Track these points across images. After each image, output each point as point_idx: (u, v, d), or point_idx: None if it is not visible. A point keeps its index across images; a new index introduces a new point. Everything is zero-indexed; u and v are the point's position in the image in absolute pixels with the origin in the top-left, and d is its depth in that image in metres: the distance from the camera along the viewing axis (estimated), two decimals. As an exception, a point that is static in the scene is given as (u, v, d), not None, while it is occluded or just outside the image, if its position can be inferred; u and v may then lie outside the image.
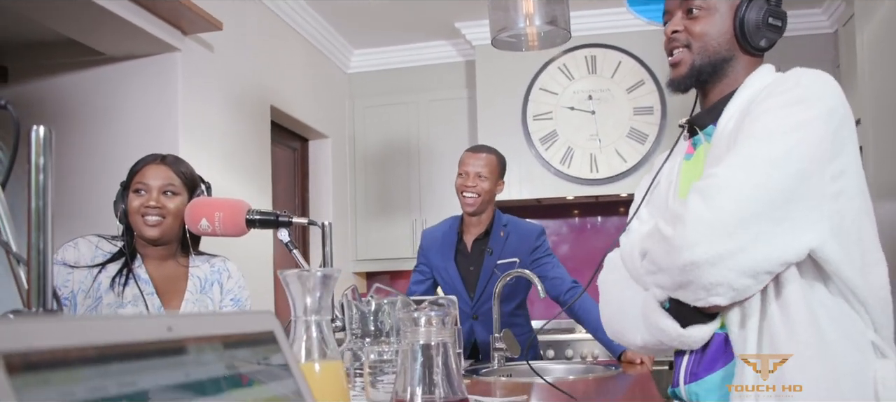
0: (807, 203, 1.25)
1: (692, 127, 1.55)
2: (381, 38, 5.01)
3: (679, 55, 1.49)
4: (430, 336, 1.40)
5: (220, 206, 1.87)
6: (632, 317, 1.46)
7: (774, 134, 1.26)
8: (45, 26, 2.92)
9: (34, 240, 0.90)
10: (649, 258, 1.37)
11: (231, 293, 2.22)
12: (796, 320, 1.29)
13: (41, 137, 0.92)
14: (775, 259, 1.25)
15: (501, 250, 2.89)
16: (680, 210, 1.29)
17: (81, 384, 0.45)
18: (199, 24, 3.19)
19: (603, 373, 2.38)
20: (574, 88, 4.57)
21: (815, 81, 1.33)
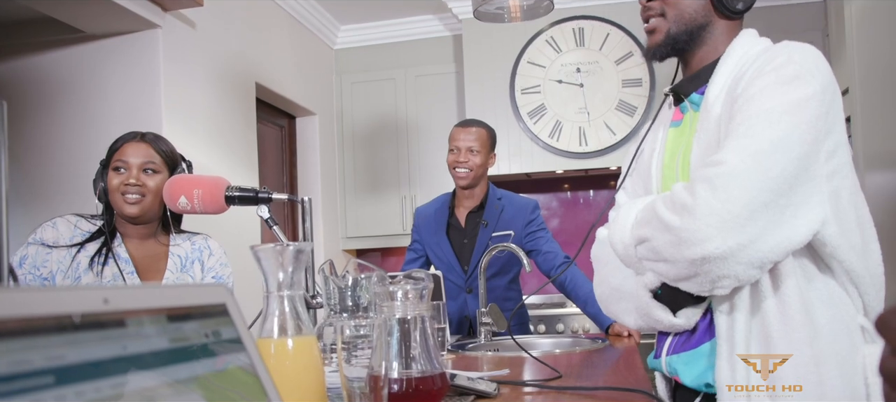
0: (807, 186, 1.23)
1: (677, 95, 1.53)
2: (368, 14, 4.96)
3: (654, 23, 1.46)
4: (407, 310, 1.39)
5: (198, 183, 1.85)
6: (625, 300, 1.45)
7: (773, 114, 1.23)
8: (23, 4, 2.88)
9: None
10: (650, 247, 1.32)
11: (212, 271, 2.20)
12: (788, 302, 1.28)
13: None
14: (782, 249, 1.22)
15: (496, 222, 2.90)
16: (688, 200, 1.24)
17: (2, 357, 0.43)
18: (179, 1, 3.14)
19: (589, 346, 2.37)
20: (562, 60, 4.53)
21: (807, 57, 1.29)
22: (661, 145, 1.53)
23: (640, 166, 1.58)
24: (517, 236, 2.87)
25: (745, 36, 1.44)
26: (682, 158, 1.45)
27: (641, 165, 1.57)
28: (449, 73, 4.99)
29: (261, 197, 1.90)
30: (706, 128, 1.37)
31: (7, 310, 0.45)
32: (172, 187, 1.83)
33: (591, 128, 4.46)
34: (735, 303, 1.32)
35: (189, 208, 1.86)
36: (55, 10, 2.96)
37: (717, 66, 1.42)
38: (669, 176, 1.49)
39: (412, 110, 5.02)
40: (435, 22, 5.04)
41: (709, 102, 1.38)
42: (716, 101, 1.37)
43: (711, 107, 1.37)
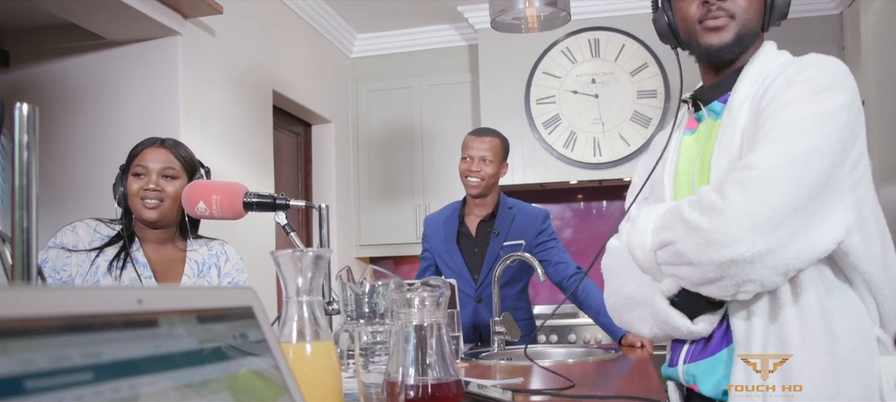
0: (834, 195, 1.24)
1: (698, 101, 1.53)
2: (384, 22, 5.00)
3: (724, 22, 1.42)
4: (423, 317, 1.41)
5: (217, 189, 1.87)
6: (639, 308, 1.45)
7: (807, 122, 1.23)
8: (46, 11, 2.93)
9: (18, 218, 0.90)
10: (674, 250, 1.31)
11: (229, 276, 2.22)
12: (808, 311, 1.28)
13: (25, 114, 0.92)
14: (808, 256, 1.23)
15: (508, 231, 2.90)
16: (717, 201, 1.24)
17: (43, 353, 0.45)
18: (199, 8, 3.18)
19: (602, 356, 2.37)
20: (577, 71, 4.55)
21: (837, 69, 1.31)
22: (675, 153, 1.53)
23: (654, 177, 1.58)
24: (528, 246, 2.87)
25: (768, 47, 1.45)
26: (699, 166, 1.46)
27: (656, 176, 1.57)
28: (464, 82, 5.01)
29: (278, 204, 1.93)
30: (729, 136, 1.37)
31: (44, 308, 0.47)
32: (191, 193, 1.85)
33: (606, 139, 4.47)
34: (753, 310, 1.32)
35: (207, 213, 1.88)
36: (77, 17, 3.00)
37: (740, 75, 1.43)
38: (683, 182, 1.49)
39: (427, 119, 5.04)
40: (451, 31, 5.07)
41: (733, 110, 1.39)
42: (740, 110, 1.37)
43: (736, 115, 1.37)
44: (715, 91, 1.48)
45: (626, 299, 1.51)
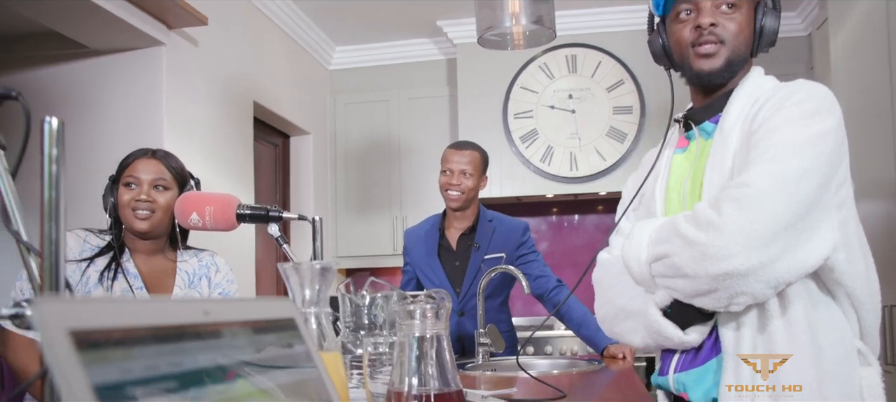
0: (822, 213, 1.30)
1: (689, 121, 1.58)
2: (363, 35, 5.02)
3: (715, 49, 1.48)
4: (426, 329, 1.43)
5: (210, 200, 1.88)
6: (631, 319, 1.49)
7: (798, 144, 1.29)
8: (29, 18, 2.91)
9: (47, 230, 0.91)
10: (669, 263, 1.35)
11: (219, 287, 2.23)
12: (795, 324, 1.34)
13: (54, 127, 0.94)
14: (797, 270, 1.28)
15: (488, 244, 2.93)
16: (713, 217, 1.29)
17: (137, 362, 0.47)
18: (184, 19, 3.18)
19: (586, 368, 2.42)
20: (554, 86, 4.61)
21: (824, 95, 1.38)
22: (666, 170, 1.58)
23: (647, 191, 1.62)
24: (509, 259, 2.89)
25: (756, 72, 1.52)
26: (691, 183, 1.51)
27: (646, 192, 1.62)
28: (442, 96, 5.05)
29: (271, 216, 1.94)
30: (721, 155, 1.42)
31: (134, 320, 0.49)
32: (184, 204, 1.86)
33: (582, 153, 4.54)
34: (742, 321, 1.38)
35: (200, 224, 1.88)
36: (62, 25, 2.99)
37: (730, 98, 1.48)
38: (674, 199, 1.54)
39: (405, 132, 5.07)
40: (429, 45, 5.11)
41: (725, 131, 1.44)
42: (732, 131, 1.43)
43: (728, 136, 1.43)
44: (706, 112, 1.54)
45: (618, 310, 1.55)
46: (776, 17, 1.51)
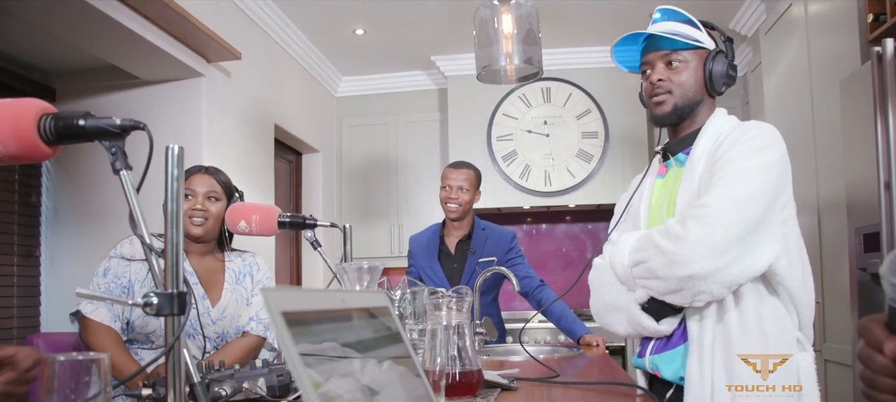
0: (768, 229, 1.41)
1: (665, 153, 1.70)
2: (367, 67, 5.11)
3: (663, 97, 1.62)
4: (451, 318, 1.53)
5: (256, 210, 1.97)
6: (617, 312, 1.60)
7: (747, 173, 1.42)
8: (88, 53, 2.97)
9: (171, 236, 1.00)
10: (646, 267, 1.47)
11: (261, 283, 2.30)
12: (746, 315, 1.46)
13: (175, 153, 1.02)
14: (747, 274, 1.40)
15: (482, 249, 3.02)
16: (680, 232, 1.41)
17: (321, 336, 0.57)
18: (220, 54, 3.25)
19: (567, 353, 2.52)
20: (532, 114, 4.74)
21: (771, 133, 1.50)
22: (649, 192, 1.69)
23: (630, 208, 1.74)
24: (499, 262, 3.00)
25: (720, 113, 1.63)
26: (667, 203, 1.62)
27: (631, 208, 1.73)
28: (434, 120, 5.16)
29: (308, 223, 2.03)
30: (690, 180, 1.54)
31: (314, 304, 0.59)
32: (234, 213, 1.94)
33: (555, 171, 4.66)
34: (704, 314, 1.49)
35: (247, 230, 1.97)
36: (116, 59, 3.05)
37: (699, 133, 1.60)
38: (655, 216, 1.66)
39: (401, 151, 5.16)
40: (423, 77, 5.21)
41: (693, 161, 1.56)
42: (699, 160, 1.55)
43: (695, 165, 1.55)
44: (680, 145, 1.66)
45: (607, 305, 1.65)
46: (723, 61, 1.62)
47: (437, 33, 4.43)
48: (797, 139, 3.15)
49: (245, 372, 1.39)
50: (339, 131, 5.28)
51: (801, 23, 3.17)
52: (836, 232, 2.76)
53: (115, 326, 2.04)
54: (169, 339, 0.95)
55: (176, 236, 1.00)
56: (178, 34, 2.98)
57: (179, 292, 1.00)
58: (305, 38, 4.45)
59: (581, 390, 1.64)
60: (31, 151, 1.04)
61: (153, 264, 1.05)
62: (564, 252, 5.22)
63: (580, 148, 4.65)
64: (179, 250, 1.00)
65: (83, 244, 3.25)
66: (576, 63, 4.71)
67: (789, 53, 3.32)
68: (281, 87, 4.23)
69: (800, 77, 3.19)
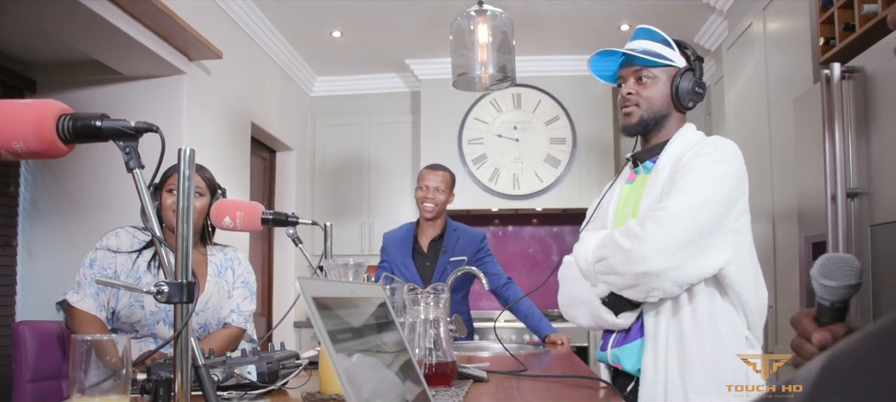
0: (719, 235, 1.54)
1: (635, 160, 1.82)
2: (342, 68, 5.19)
3: (631, 109, 1.74)
4: (429, 313, 1.64)
5: (240, 207, 2.04)
6: (581, 306, 1.72)
7: (704, 183, 1.54)
8: (71, 46, 3.00)
9: (181, 230, 1.08)
10: (606, 263, 1.59)
11: (241, 277, 2.38)
12: (699, 313, 1.58)
13: (187, 155, 1.11)
14: (698, 275, 1.53)
15: (453, 249, 3.13)
16: (639, 231, 1.53)
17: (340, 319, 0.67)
18: (202, 52, 3.31)
19: (534, 351, 2.64)
20: (502, 119, 4.86)
21: (729, 147, 1.63)
22: (618, 196, 1.81)
23: (599, 211, 1.86)
24: (469, 261, 3.11)
25: (688, 127, 1.76)
26: (633, 206, 1.75)
27: (601, 210, 1.85)
28: (406, 122, 5.25)
29: (290, 220, 2.12)
30: (654, 185, 1.67)
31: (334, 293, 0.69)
32: (220, 209, 2.01)
33: (524, 175, 4.79)
34: (660, 310, 1.62)
35: (231, 226, 2.04)
36: (99, 54, 3.09)
37: (667, 145, 1.72)
38: (621, 218, 1.78)
39: (374, 151, 5.25)
40: (397, 79, 5.30)
41: (659, 169, 1.69)
42: (663, 169, 1.67)
43: (660, 173, 1.67)
44: (648, 154, 1.78)
45: (572, 298, 1.77)
46: (690, 79, 1.74)
47: (412, 38, 4.53)
48: (754, 151, 3.33)
49: (236, 360, 1.48)
50: (314, 130, 5.34)
51: (759, 41, 3.35)
52: (788, 240, 2.93)
53: (100, 315, 2.10)
54: (178, 325, 1.04)
55: (186, 231, 1.08)
56: (162, 32, 3.04)
57: (188, 281, 1.08)
58: (284, 39, 4.51)
59: (548, 382, 1.75)
60: (50, 148, 1.12)
61: (163, 255, 1.13)
62: (531, 254, 5.36)
63: (548, 153, 4.79)
64: (189, 243, 1.09)
65: (61, 236, 3.28)
66: (546, 70, 4.85)
67: (749, 69, 3.49)
68: (258, 85, 4.29)
69: (758, 92, 3.37)
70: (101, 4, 2.62)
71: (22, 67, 3.36)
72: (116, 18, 2.75)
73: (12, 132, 1.12)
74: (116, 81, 3.30)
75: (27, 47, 3.19)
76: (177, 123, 3.27)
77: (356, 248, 5.14)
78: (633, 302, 1.63)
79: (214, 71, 3.57)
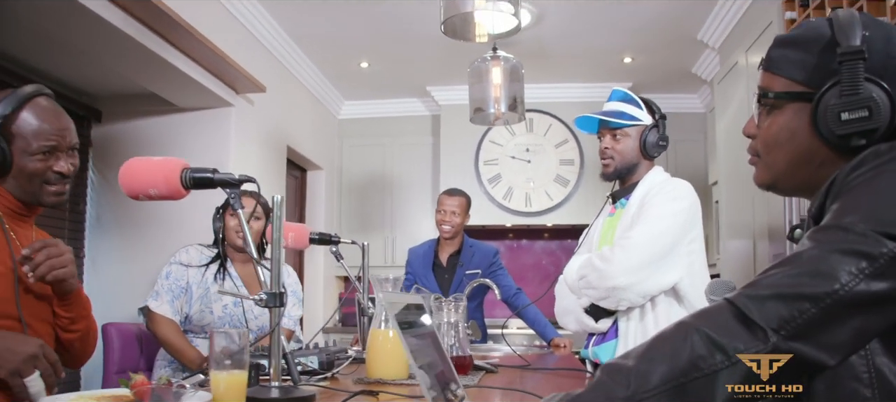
0: (675, 257, 1.94)
1: (614, 197, 2.24)
2: (367, 93, 5.61)
3: (607, 161, 2.15)
4: (450, 317, 2.05)
5: (292, 228, 2.45)
6: (570, 314, 2.12)
7: (661, 217, 1.94)
8: (132, 81, 3.43)
9: (275, 254, 1.50)
10: (586, 280, 2.00)
11: (291, 287, 2.80)
12: (660, 318, 1.98)
13: (278, 201, 1.53)
14: (656, 288, 1.93)
15: (469, 263, 3.54)
16: (609, 255, 1.94)
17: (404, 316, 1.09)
18: (247, 86, 3.75)
19: (539, 352, 3.04)
20: (515, 141, 5.28)
21: (683, 188, 2.03)
22: (601, 226, 2.22)
23: (588, 239, 2.27)
24: (483, 274, 3.51)
25: (655, 170, 2.15)
26: (611, 234, 2.16)
27: (589, 238, 2.26)
28: (427, 144, 5.68)
29: (333, 240, 2.54)
30: (625, 218, 2.07)
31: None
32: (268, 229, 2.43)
33: (535, 194, 5.20)
34: (630, 316, 2.02)
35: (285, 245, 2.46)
36: (156, 87, 3.51)
37: (637, 185, 2.13)
38: (603, 244, 2.19)
39: (397, 171, 5.67)
40: (419, 104, 5.72)
41: (630, 204, 2.09)
42: (634, 205, 2.08)
43: (631, 208, 2.08)
44: (624, 192, 2.18)
45: (564, 309, 2.18)
46: (656, 134, 2.12)
47: (433, 67, 4.95)
48: (740, 174, 3.71)
49: (301, 352, 1.90)
50: (341, 151, 5.77)
51: (744, 73, 3.73)
52: (764, 255, 3.31)
53: (175, 319, 2.53)
54: (272, 323, 1.46)
55: (278, 254, 1.51)
56: (213, 69, 3.47)
57: (280, 291, 1.50)
58: (317, 70, 4.96)
59: (543, 374, 2.16)
60: (175, 193, 1.54)
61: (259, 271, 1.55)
62: (542, 266, 5.76)
63: (558, 173, 5.20)
64: (281, 264, 1.51)
65: (121, 248, 3.73)
66: (556, 97, 5.26)
67: (736, 100, 3.87)
68: (293, 112, 4.73)
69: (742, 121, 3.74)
70: (161, 46, 3.03)
71: (88, 98, 3.82)
72: (173, 58, 3.17)
73: (150, 182, 1.56)
74: (172, 111, 3.74)
75: (93, 81, 3.64)
76: (225, 149, 3.71)
77: (380, 260, 5.54)
78: (609, 310, 2.03)
79: (257, 102, 4.02)
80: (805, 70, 0.93)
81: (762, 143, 1.01)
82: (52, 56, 3.26)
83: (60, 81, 3.61)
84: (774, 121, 0.98)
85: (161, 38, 3.04)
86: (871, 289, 0.74)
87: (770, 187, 1.03)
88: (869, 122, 0.87)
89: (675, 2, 3.93)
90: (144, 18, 2.86)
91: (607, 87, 5.03)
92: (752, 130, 1.04)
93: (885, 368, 0.82)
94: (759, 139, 1.02)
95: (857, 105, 0.87)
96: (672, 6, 3.98)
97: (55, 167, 1.66)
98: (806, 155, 0.95)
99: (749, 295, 0.78)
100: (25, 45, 3.12)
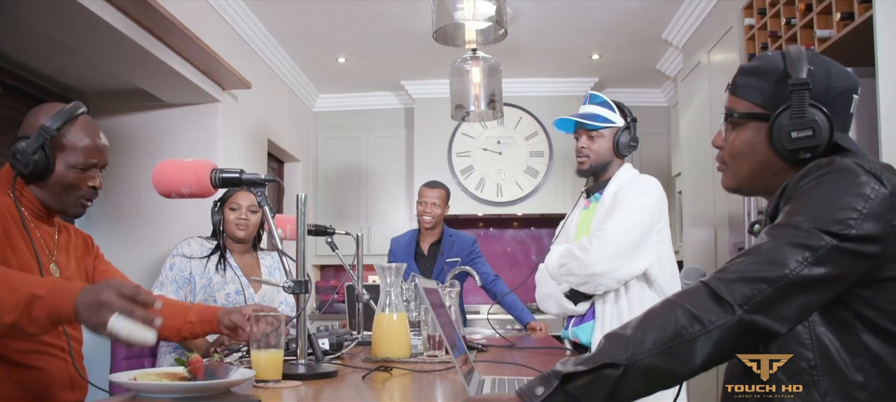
0: (645, 246, 2.16)
1: (589, 192, 2.47)
2: (342, 86, 5.76)
3: (583, 159, 2.37)
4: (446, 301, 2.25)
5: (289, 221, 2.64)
6: (551, 299, 2.34)
7: (632, 210, 2.16)
8: (119, 77, 3.52)
9: (301, 247, 1.69)
10: (566, 268, 2.21)
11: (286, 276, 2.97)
12: (633, 301, 2.21)
13: (303, 199, 1.72)
14: (630, 274, 2.15)
15: (450, 251, 3.75)
16: (588, 245, 2.16)
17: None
18: (233, 82, 3.88)
19: (517, 334, 3.27)
20: (487, 134, 5.49)
21: (651, 183, 2.25)
22: (577, 219, 2.45)
23: (564, 230, 2.49)
24: (463, 261, 3.73)
25: (625, 168, 2.38)
26: (586, 226, 2.38)
27: (566, 230, 2.49)
28: (401, 136, 5.85)
29: (329, 231, 2.72)
30: (600, 212, 2.30)
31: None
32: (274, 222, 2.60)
33: (506, 184, 5.43)
34: (606, 299, 2.23)
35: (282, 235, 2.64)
36: (143, 83, 3.62)
37: (610, 182, 2.36)
38: (579, 234, 2.41)
39: (372, 162, 5.84)
40: (393, 97, 5.90)
41: (604, 199, 2.32)
42: (607, 199, 2.30)
43: (604, 202, 2.30)
44: (597, 188, 2.41)
45: (545, 294, 2.40)
46: (627, 135, 2.34)
47: (408, 62, 5.13)
48: (701, 166, 3.98)
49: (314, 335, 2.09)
50: (316, 143, 5.91)
51: (706, 72, 4.01)
52: (725, 243, 3.59)
53: (179, 305, 2.69)
54: (299, 308, 1.65)
55: (302, 246, 1.69)
56: (201, 66, 3.60)
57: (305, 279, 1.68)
58: (296, 66, 5.10)
59: (529, 352, 2.39)
60: (205, 192, 1.72)
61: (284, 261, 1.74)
62: (511, 253, 6.00)
63: (528, 165, 5.43)
64: (305, 255, 1.69)
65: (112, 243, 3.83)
66: (527, 92, 5.48)
67: (698, 97, 4.14)
68: (272, 106, 4.86)
69: (704, 116, 4.02)
70: (154, 44, 3.15)
71: (75, 94, 3.90)
72: (166, 56, 3.29)
73: (182, 181, 1.74)
74: (159, 107, 3.85)
75: (81, 76, 3.72)
76: (213, 144, 3.84)
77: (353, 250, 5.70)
78: (587, 295, 2.25)
79: (242, 98, 4.15)
80: (763, 95, 1.16)
81: (728, 154, 1.23)
82: (38, 51, 3.32)
83: (46, 77, 3.69)
84: (738, 136, 1.21)
85: (154, 37, 3.16)
86: (813, 273, 0.97)
87: (736, 190, 1.25)
88: (813, 139, 1.10)
89: (642, 3, 4.18)
90: (139, 17, 2.98)
91: (575, 82, 5.32)
92: (720, 142, 1.27)
93: (823, 336, 1.05)
94: (725, 150, 1.24)
95: (804, 126, 1.10)
96: (638, 7, 4.23)
97: (90, 182, 1.80)
98: (764, 165, 1.17)
99: (720, 278, 1.01)
100: (13, 41, 3.18)
